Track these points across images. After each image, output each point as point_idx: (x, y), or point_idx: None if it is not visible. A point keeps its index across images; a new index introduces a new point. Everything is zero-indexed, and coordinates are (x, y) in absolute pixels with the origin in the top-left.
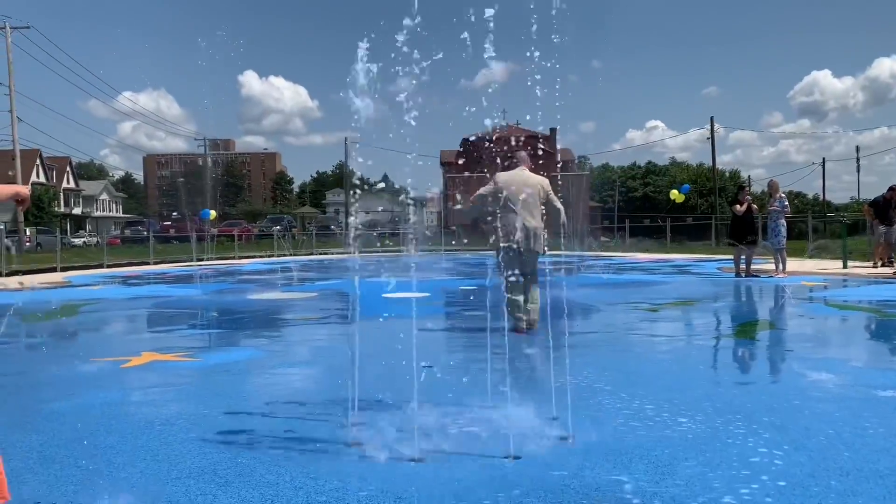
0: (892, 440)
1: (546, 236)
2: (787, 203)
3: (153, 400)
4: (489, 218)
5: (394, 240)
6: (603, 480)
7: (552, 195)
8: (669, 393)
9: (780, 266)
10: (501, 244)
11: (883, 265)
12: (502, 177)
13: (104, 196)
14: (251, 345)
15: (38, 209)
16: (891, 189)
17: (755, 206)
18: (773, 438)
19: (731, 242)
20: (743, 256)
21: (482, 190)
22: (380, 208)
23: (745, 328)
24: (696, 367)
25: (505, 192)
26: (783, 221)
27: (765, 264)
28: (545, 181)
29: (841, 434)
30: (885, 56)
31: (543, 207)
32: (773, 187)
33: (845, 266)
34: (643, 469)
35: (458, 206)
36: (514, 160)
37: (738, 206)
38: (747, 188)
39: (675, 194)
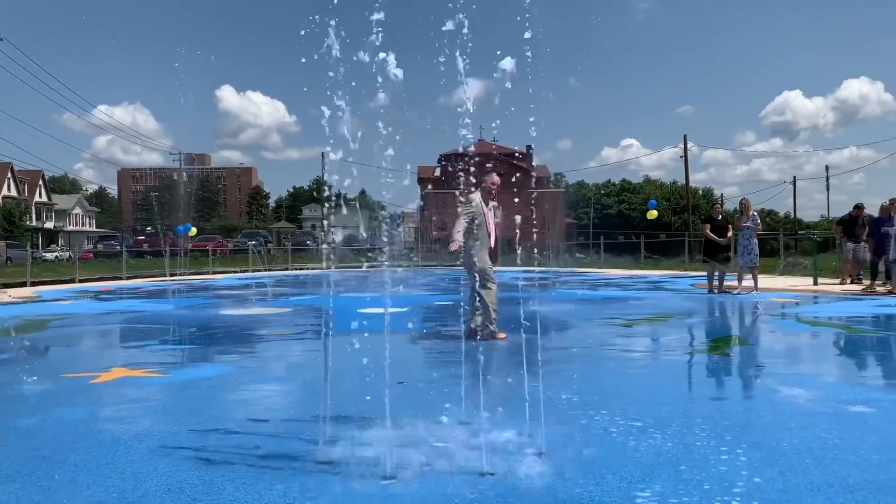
0: (862, 454)
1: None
2: (759, 221)
3: (121, 416)
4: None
5: (372, 255)
6: (575, 495)
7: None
8: (642, 408)
9: (753, 283)
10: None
11: (852, 282)
12: None
13: (77, 210)
14: (223, 361)
15: (9, 223)
16: (856, 207)
17: (730, 226)
18: (745, 453)
19: (705, 259)
20: (716, 273)
21: None
22: (357, 224)
23: (717, 344)
24: (669, 383)
25: None
26: (755, 240)
27: (734, 281)
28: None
29: (811, 449)
30: (853, 77)
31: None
32: (744, 206)
33: (816, 283)
34: (615, 484)
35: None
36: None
37: (708, 228)
38: (719, 206)
39: (651, 214)
